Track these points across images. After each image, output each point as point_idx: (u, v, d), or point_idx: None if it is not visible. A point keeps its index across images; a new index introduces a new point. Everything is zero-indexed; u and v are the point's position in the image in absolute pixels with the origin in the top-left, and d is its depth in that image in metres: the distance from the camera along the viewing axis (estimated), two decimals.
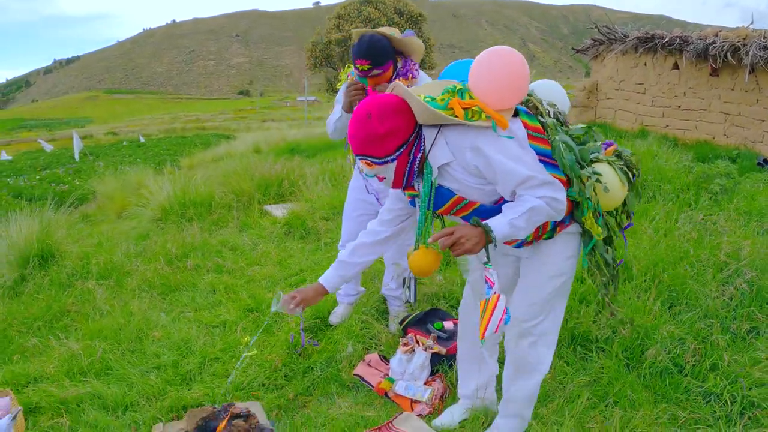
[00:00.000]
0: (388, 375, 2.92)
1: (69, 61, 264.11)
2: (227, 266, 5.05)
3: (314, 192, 7.21)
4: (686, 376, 2.76)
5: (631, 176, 2.25)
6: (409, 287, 2.30)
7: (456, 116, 1.90)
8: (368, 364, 3.02)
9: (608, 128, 10.41)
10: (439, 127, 1.98)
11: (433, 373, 2.93)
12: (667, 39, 8.87)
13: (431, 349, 2.95)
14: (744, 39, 7.85)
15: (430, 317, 3.31)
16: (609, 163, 2.17)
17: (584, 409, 2.57)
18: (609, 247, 2.29)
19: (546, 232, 2.13)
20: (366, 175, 2.04)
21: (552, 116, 2.19)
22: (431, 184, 2.01)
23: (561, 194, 1.97)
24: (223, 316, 3.92)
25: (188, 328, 3.74)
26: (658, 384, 2.74)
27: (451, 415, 2.62)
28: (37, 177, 16.39)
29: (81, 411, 2.83)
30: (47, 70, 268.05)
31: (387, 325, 3.54)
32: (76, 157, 21.31)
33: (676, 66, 9.16)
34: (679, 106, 9.21)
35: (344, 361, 3.09)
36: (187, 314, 4.05)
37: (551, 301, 2.23)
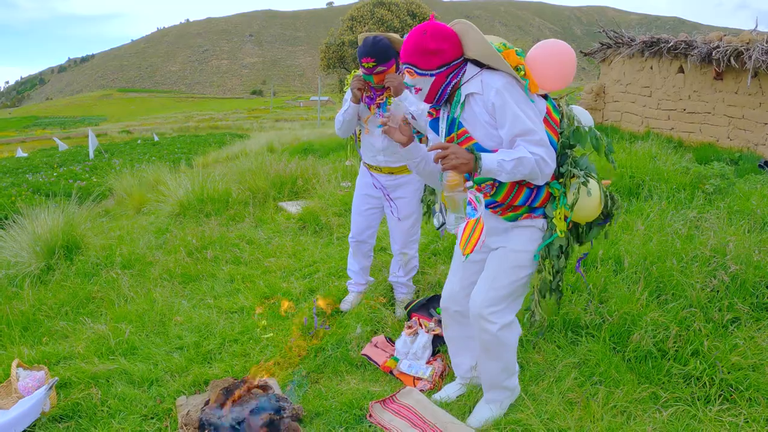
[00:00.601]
0: (393, 355, 3.17)
1: (83, 60, 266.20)
2: (244, 258, 5.32)
3: (327, 189, 7.47)
4: (669, 360, 2.96)
5: (611, 205, 2.46)
6: (442, 212, 2.51)
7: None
8: (375, 345, 3.28)
9: (615, 130, 10.60)
10: (481, 69, 2.27)
11: (434, 353, 3.18)
12: (672, 43, 9.03)
13: (433, 331, 3.20)
14: (747, 43, 7.99)
15: (433, 303, 3.57)
16: (598, 182, 2.40)
17: (571, 387, 2.79)
18: (563, 257, 2.45)
19: (517, 210, 2.35)
20: (405, 83, 2.31)
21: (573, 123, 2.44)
22: (459, 106, 2.29)
23: (551, 161, 2.20)
24: (240, 302, 4.19)
25: (208, 314, 4.02)
26: (641, 367, 2.95)
27: (450, 390, 2.87)
28: (55, 174, 16.73)
29: (110, 385, 3.09)
30: (61, 69, 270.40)
31: (394, 311, 3.80)
32: (91, 155, 21.67)
33: (681, 69, 9.31)
34: (684, 109, 9.36)
35: (353, 342, 3.34)
36: (208, 301, 4.32)
37: (513, 291, 2.43)
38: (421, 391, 2.86)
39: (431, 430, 2.49)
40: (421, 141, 3.52)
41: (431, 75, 2.25)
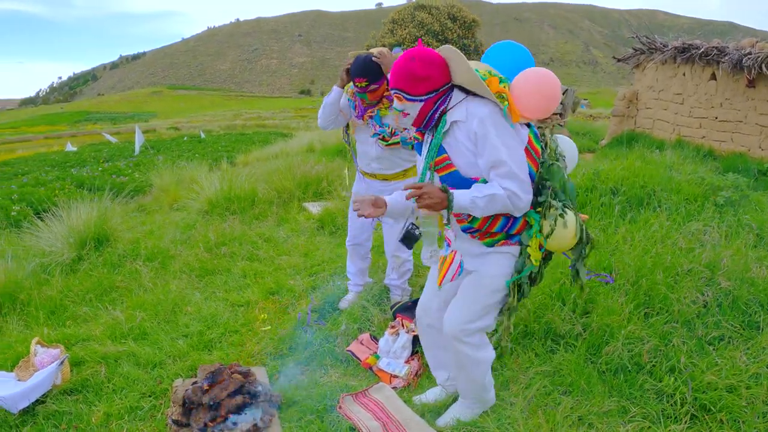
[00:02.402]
0: (375, 352, 3.35)
1: (134, 57, 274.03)
2: (260, 255, 5.59)
3: (349, 191, 7.67)
4: (645, 374, 2.97)
5: (585, 238, 2.46)
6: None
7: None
8: (360, 343, 3.47)
9: (646, 138, 10.46)
10: (467, 95, 2.34)
11: (413, 353, 3.34)
12: (703, 49, 8.90)
13: (413, 332, 3.36)
14: None
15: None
16: (575, 215, 2.39)
17: (537, 394, 2.87)
18: (531, 283, 2.50)
19: (494, 236, 2.42)
20: (394, 108, 2.40)
21: (555, 157, 2.49)
22: (442, 134, 2.35)
23: (524, 194, 2.25)
24: (247, 296, 4.45)
25: (216, 306, 4.30)
26: (614, 379, 2.97)
27: (430, 395, 2.99)
28: (100, 169, 17.36)
29: (117, 365, 3.40)
30: (113, 65, 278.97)
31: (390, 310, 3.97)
32: (137, 150, 22.42)
33: (713, 76, 9.15)
34: (716, 117, 9.20)
35: (339, 338, 3.55)
36: (218, 294, 4.59)
37: (486, 314, 2.52)
38: (394, 388, 3.03)
39: (392, 424, 2.66)
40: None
41: (420, 101, 2.30)
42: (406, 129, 3.52)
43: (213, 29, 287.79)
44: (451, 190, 2.24)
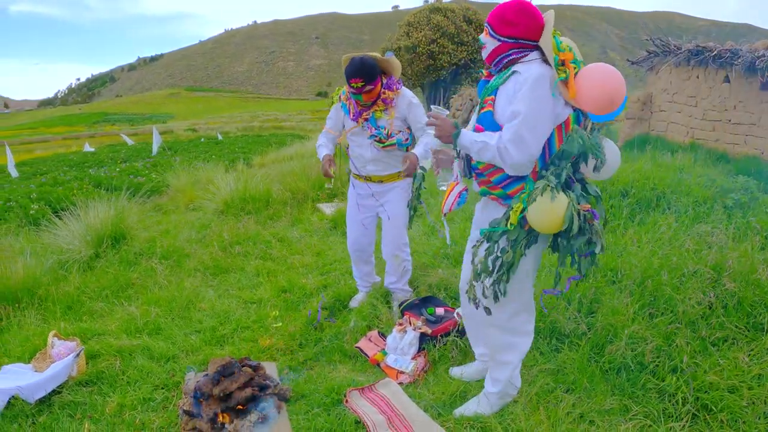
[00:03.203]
0: (383, 349, 3.43)
1: (152, 59, 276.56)
2: (273, 254, 5.69)
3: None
4: (647, 374, 3.00)
5: (578, 226, 2.32)
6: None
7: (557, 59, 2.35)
8: (369, 339, 3.55)
9: (660, 141, 10.42)
10: (541, 59, 2.40)
11: (419, 350, 3.40)
12: (716, 52, 8.86)
13: (420, 329, 3.43)
14: None
15: (426, 303, 3.81)
16: (570, 201, 2.29)
17: (542, 392, 2.92)
18: (509, 250, 2.44)
19: (492, 189, 2.55)
20: (479, 40, 2.54)
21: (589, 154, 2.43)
22: (503, 78, 2.44)
23: (517, 153, 2.29)
24: (260, 294, 4.55)
25: (230, 303, 4.41)
26: (617, 378, 3.01)
27: (469, 368, 3.14)
28: (117, 169, 17.58)
29: (132, 358, 3.51)
30: (131, 67, 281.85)
31: (391, 307, 4.03)
32: (154, 151, 22.73)
33: (727, 79, 9.11)
34: (729, 120, 9.15)
35: (348, 335, 3.62)
36: (231, 292, 4.70)
37: (511, 293, 2.55)
38: (400, 384, 3.09)
39: (397, 418, 2.73)
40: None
41: (498, 40, 2.43)
42: (400, 131, 3.61)
43: (230, 31, 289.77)
44: (461, 128, 2.46)
